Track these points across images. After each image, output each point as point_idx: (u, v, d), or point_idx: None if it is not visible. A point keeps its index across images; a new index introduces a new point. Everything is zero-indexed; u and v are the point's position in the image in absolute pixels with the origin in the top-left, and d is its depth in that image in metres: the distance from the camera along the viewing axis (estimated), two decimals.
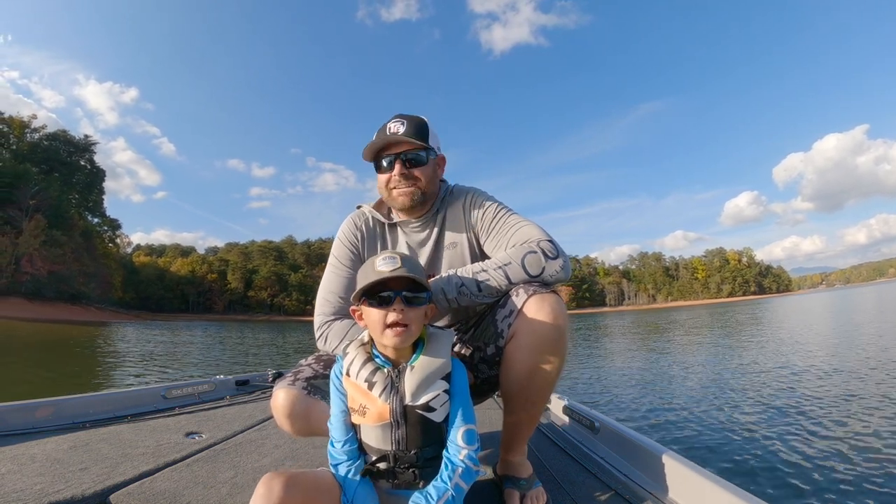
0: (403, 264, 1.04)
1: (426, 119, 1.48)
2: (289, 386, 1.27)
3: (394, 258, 1.06)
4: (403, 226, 1.58)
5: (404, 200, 1.46)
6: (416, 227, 1.57)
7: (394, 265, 1.04)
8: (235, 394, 3.04)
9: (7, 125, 65.45)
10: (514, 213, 1.49)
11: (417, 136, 1.41)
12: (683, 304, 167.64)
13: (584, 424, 2.06)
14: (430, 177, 1.48)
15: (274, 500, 0.83)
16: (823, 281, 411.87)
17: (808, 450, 3.83)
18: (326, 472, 1.02)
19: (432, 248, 1.55)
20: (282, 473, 0.88)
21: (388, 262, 1.05)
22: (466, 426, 1.03)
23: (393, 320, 1.02)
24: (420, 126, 1.44)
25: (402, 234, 1.59)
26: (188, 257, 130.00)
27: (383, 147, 1.44)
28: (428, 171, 1.47)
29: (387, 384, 1.03)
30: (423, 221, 1.56)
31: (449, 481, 0.98)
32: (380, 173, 1.49)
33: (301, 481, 0.90)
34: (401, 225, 1.58)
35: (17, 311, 45.88)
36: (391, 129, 1.42)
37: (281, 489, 0.84)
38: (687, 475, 1.31)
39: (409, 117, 1.45)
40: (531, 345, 1.22)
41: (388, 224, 1.59)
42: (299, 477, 0.91)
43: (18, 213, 55.05)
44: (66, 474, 1.39)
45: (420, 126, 1.44)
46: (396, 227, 1.59)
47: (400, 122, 1.43)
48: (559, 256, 1.31)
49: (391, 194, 1.48)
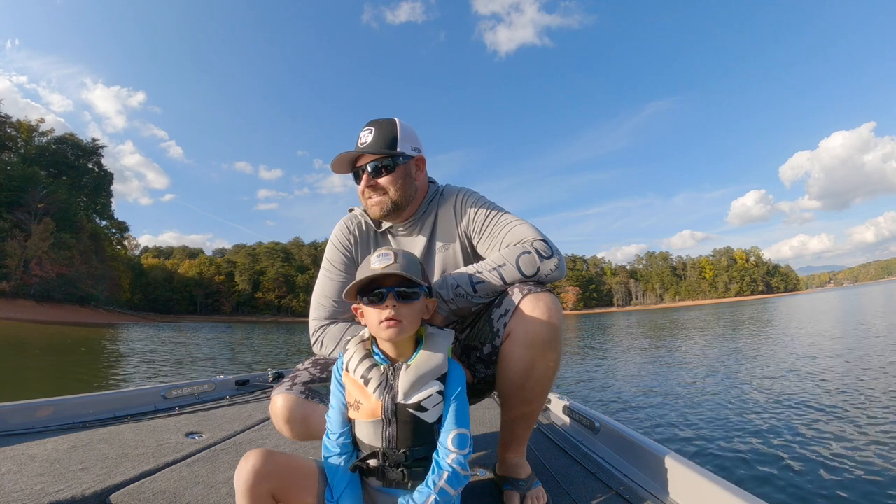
0: (397, 261, 1.05)
1: (397, 121, 1.46)
2: (287, 391, 1.28)
3: (387, 255, 1.06)
4: (393, 231, 1.58)
5: (375, 210, 1.48)
6: (403, 232, 1.57)
7: (387, 262, 1.04)
8: (235, 394, 3.05)
9: (15, 129, 66.20)
10: (506, 212, 1.48)
11: (382, 144, 1.41)
12: (691, 303, 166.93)
13: (584, 424, 2.05)
14: (401, 184, 1.46)
15: (249, 470, 0.89)
16: (831, 280, 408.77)
17: (809, 450, 3.79)
18: (312, 461, 1.04)
19: (423, 251, 1.54)
20: (261, 450, 0.93)
21: (382, 259, 1.06)
22: (458, 430, 1.02)
23: (386, 316, 1.02)
24: (387, 132, 1.43)
25: (391, 239, 1.59)
26: (196, 259, 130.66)
27: (355, 158, 1.45)
28: (396, 178, 1.44)
29: (381, 381, 1.03)
30: (410, 225, 1.56)
31: (433, 486, 0.97)
32: (357, 183, 1.50)
33: (279, 460, 0.94)
34: (391, 231, 1.59)
35: (26, 314, 46.34)
36: (360, 140, 1.43)
37: (259, 462, 0.90)
38: (687, 475, 1.30)
39: (378, 124, 1.44)
40: (527, 343, 1.22)
41: (378, 231, 1.60)
42: (278, 456, 0.95)
43: (27, 217, 55.63)
44: (66, 474, 1.39)
45: (387, 132, 1.43)
46: (386, 232, 1.59)
47: (368, 131, 1.43)
48: (553, 256, 1.31)
49: (366, 204, 1.50)
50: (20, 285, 52.86)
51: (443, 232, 1.54)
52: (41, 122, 71.13)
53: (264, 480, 0.90)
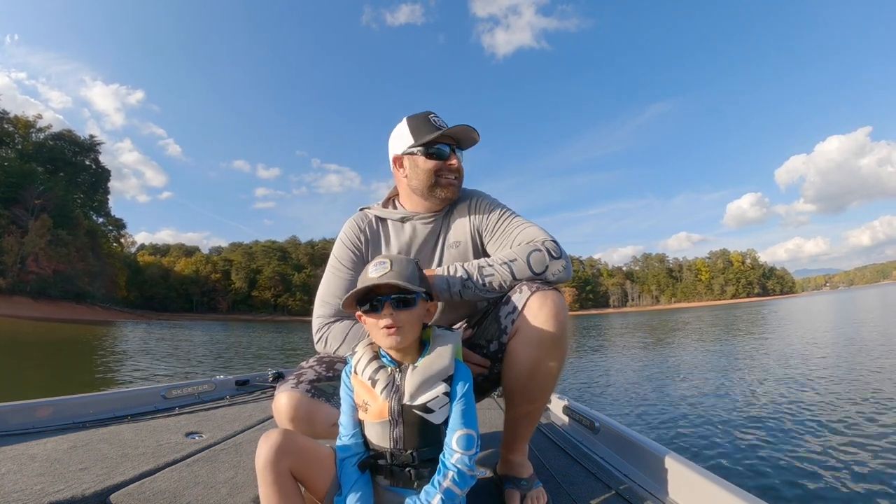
0: (392, 268, 1.05)
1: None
2: (292, 389, 1.25)
3: (383, 263, 1.07)
4: (414, 217, 1.57)
5: (453, 192, 1.53)
6: (426, 220, 1.56)
7: (382, 270, 1.05)
8: (235, 394, 3.04)
9: (12, 125, 65.83)
10: (517, 215, 1.51)
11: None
12: (687, 305, 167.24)
13: (584, 424, 2.05)
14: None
15: (270, 446, 0.92)
16: (827, 283, 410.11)
17: (809, 450, 3.81)
18: (329, 448, 1.05)
19: (436, 246, 1.56)
20: (281, 429, 0.98)
21: (378, 267, 1.06)
22: (464, 430, 1.02)
23: (384, 324, 1.03)
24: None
25: (409, 227, 1.57)
26: (192, 257, 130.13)
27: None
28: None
29: (388, 382, 1.04)
30: (436, 217, 1.57)
31: (438, 486, 0.97)
32: (430, 158, 1.49)
33: (299, 440, 0.99)
34: (410, 219, 1.57)
35: (22, 310, 46.13)
36: (436, 123, 1.50)
37: (281, 439, 0.94)
38: (687, 475, 1.30)
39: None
40: (534, 340, 1.23)
41: (393, 220, 1.59)
42: (298, 437, 0.99)
43: (24, 213, 55.37)
44: (66, 474, 1.39)
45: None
46: (404, 221, 1.58)
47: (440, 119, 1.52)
48: (562, 257, 1.34)
49: (439, 182, 1.50)
50: (16, 282, 52.63)
51: (456, 230, 1.56)
52: (38, 118, 70.69)
53: (285, 457, 0.92)
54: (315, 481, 0.99)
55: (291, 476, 0.94)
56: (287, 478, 0.93)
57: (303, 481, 0.97)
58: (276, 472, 0.91)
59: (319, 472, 0.99)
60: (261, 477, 0.92)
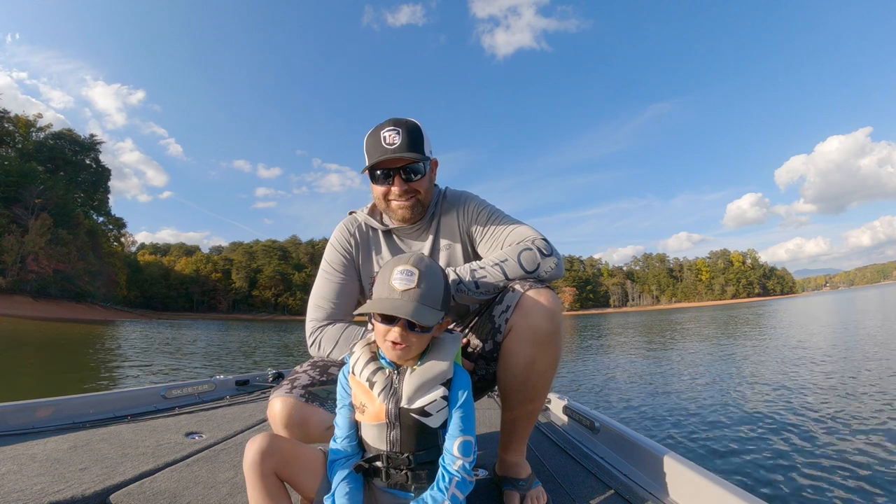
0: (419, 286, 1.00)
1: (419, 124, 1.43)
2: (286, 394, 1.25)
3: (411, 277, 1.01)
4: (399, 232, 1.58)
5: (405, 213, 1.47)
6: (411, 234, 1.57)
7: (407, 286, 1.00)
8: (235, 394, 3.04)
9: (13, 124, 65.80)
10: (507, 215, 1.52)
11: (414, 146, 1.38)
12: (687, 305, 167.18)
13: (584, 424, 2.05)
14: (427, 186, 1.48)
15: (255, 450, 0.94)
16: (827, 283, 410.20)
17: (809, 450, 3.81)
18: (318, 449, 1.06)
19: (428, 253, 1.55)
20: (266, 433, 0.99)
21: (403, 280, 1.00)
22: (464, 437, 1.01)
23: (392, 339, 1.00)
24: (415, 135, 1.39)
25: (397, 240, 1.59)
26: (192, 256, 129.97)
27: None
28: (425, 181, 1.46)
29: (386, 385, 1.03)
30: (419, 227, 1.56)
31: (445, 491, 0.97)
32: (376, 184, 1.45)
33: (284, 443, 1.01)
34: (396, 231, 1.58)
35: (23, 310, 46.10)
36: (387, 139, 1.36)
37: (264, 442, 0.96)
38: (687, 475, 1.30)
39: (403, 124, 1.39)
40: (529, 338, 1.23)
41: (383, 230, 1.59)
42: (283, 440, 1.01)
43: (24, 212, 55.34)
44: (66, 474, 1.39)
45: (415, 135, 1.39)
46: (391, 233, 1.59)
47: (395, 131, 1.37)
48: (553, 254, 1.34)
49: (390, 206, 1.47)
50: (17, 281, 52.62)
51: (447, 234, 1.56)
52: (39, 117, 70.67)
53: (268, 458, 0.95)
54: (303, 483, 1.00)
55: (276, 477, 0.97)
56: (272, 479, 0.96)
57: (290, 482, 1.00)
58: (260, 473, 0.94)
59: (306, 474, 1.00)
60: (247, 478, 0.95)
